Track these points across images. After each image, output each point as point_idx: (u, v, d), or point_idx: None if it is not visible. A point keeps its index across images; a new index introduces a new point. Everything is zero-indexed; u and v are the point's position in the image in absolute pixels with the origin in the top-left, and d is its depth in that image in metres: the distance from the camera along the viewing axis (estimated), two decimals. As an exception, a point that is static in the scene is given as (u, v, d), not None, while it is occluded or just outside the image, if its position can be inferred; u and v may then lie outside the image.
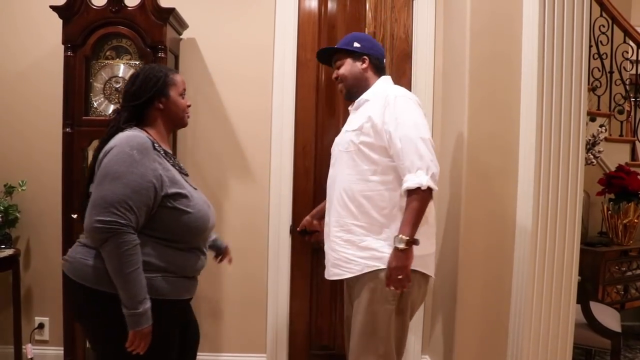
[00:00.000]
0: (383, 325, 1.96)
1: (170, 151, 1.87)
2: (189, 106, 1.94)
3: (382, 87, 2.14)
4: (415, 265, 1.95)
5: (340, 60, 2.20)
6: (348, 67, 2.18)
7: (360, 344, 1.98)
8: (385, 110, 1.98)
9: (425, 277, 2.07)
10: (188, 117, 1.95)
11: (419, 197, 1.91)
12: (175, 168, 1.82)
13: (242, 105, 2.99)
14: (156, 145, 1.76)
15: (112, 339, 1.67)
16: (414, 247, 1.91)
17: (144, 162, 1.67)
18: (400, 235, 1.90)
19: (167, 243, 1.74)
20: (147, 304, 1.64)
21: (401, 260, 1.90)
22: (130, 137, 1.71)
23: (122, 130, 1.75)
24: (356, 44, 2.17)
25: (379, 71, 2.21)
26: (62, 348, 2.64)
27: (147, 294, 1.64)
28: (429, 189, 1.92)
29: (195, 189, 1.89)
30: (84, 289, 1.68)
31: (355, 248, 2.00)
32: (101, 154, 1.70)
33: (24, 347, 2.89)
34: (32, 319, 3.01)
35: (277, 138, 2.99)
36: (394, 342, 1.98)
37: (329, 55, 2.27)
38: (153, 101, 1.82)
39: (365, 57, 2.17)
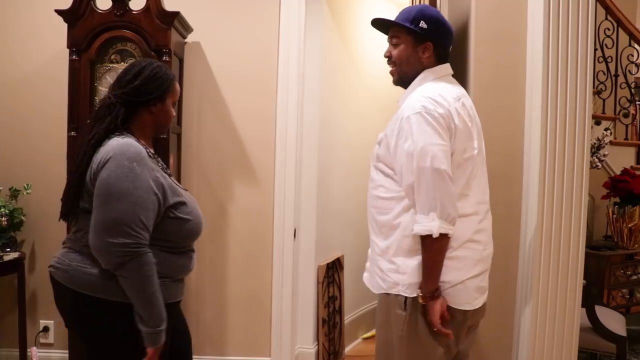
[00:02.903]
0: (395, 350, 1.80)
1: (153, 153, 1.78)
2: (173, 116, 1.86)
3: (416, 86, 1.82)
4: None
5: (398, 37, 1.83)
6: (407, 51, 1.82)
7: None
8: (398, 131, 1.71)
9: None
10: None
11: (430, 246, 1.66)
12: (165, 172, 1.76)
13: (247, 108, 2.99)
14: (149, 152, 1.69)
15: (117, 348, 1.64)
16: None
17: (145, 175, 1.61)
18: (418, 292, 1.71)
19: (167, 249, 1.71)
20: (166, 321, 1.62)
21: (429, 315, 1.71)
22: (123, 146, 1.62)
23: (114, 130, 1.66)
24: (423, 24, 1.79)
25: (442, 60, 1.85)
26: (67, 351, 2.64)
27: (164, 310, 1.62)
28: (443, 235, 1.64)
29: (184, 189, 1.85)
30: (85, 297, 1.63)
31: (372, 263, 1.87)
32: (96, 165, 1.61)
33: (29, 350, 2.89)
34: (37, 322, 3.01)
35: (281, 142, 2.99)
36: None
37: (385, 24, 1.90)
38: (149, 103, 1.72)
39: (429, 43, 1.81)
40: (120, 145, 1.61)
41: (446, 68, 1.87)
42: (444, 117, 1.68)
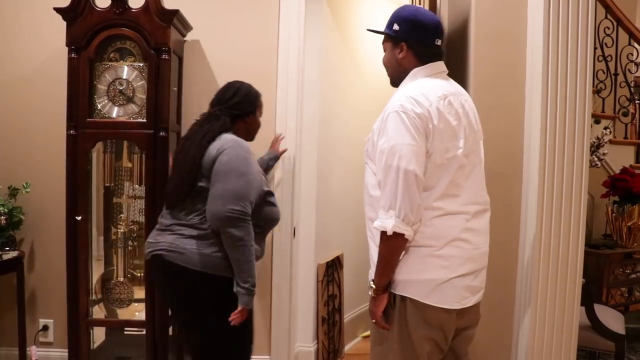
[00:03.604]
0: (388, 347, 1.82)
1: None
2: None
3: (404, 85, 1.83)
4: (406, 291, 1.74)
5: (384, 43, 1.90)
6: (389, 54, 1.87)
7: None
8: (380, 128, 1.73)
9: (420, 303, 1.73)
10: None
11: (384, 242, 1.68)
12: None
13: (246, 107, 2.98)
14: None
15: (220, 315, 1.98)
16: (407, 270, 1.73)
17: (254, 164, 2.05)
18: (369, 282, 1.77)
19: (258, 230, 2.09)
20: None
21: (370, 305, 1.78)
22: (237, 140, 2.05)
23: (226, 130, 2.08)
24: (395, 26, 1.83)
25: (424, 58, 1.82)
26: (67, 350, 2.63)
27: None
28: (398, 234, 1.64)
29: None
30: (199, 274, 1.97)
31: (370, 259, 1.85)
32: (214, 151, 1.99)
33: (28, 349, 2.89)
34: (36, 321, 3.01)
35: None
36: None
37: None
38: (244, 116, 2.19)
39: (403, 43, 1.82)
40: (235, 139, 2.05)
41: (437, 66, 1.85)
42: (420, 117, 1.67)
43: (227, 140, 2.03)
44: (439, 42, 1.84)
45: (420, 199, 1.67)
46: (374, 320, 1.79)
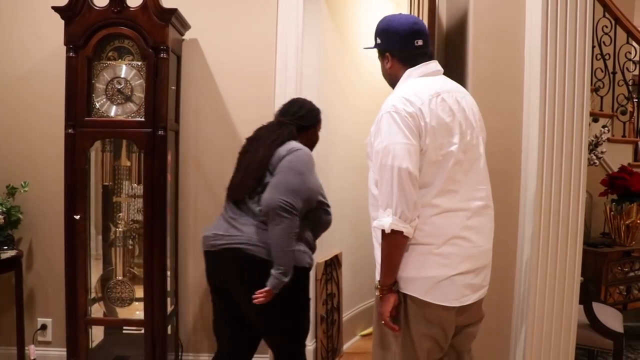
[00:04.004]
0: (390, 343, 1.84)
1: None
2: None
3: (399, 86, 1.86)
4: (407, 288, 1.76)
5: (378, 57, 1.96)
6: (381, 67, 1.95)
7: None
8: (375, 129, 1.77)
9: (420, 300, 1.75)
10: None
11: (384, 240, 1.71)
12: None
13: (245, 106, 2.99)
14: None
15: (297, 301, 2.23)
16: (406, 268, 1.75)
17: (313, 170, 2.24)
18: (375, 282, 1.79)
19: (311, 231, 2.27)
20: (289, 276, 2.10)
21: (377, 306, 1.80)
22: (305, 148, 2.26)
23: (293, 138, 2.28)
24: (377, 39, 1.91)
25: (410, 61, 1.85)
26: (65, 349, 2.63)
27: None
28: (396, 231, 1.67)
29: None
30: (269, 264, 2.09)
31: (376, 261, 1.88)
32: (283, 151, 2.19)
33: (26, 348, 2.89)
34: (34, 320, 3.01)
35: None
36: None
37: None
38: (308, 128, 2.39)
39: (387, 53, 1.89)
40: (302, 146, 2.26)
41: (431, 65, 1.87)
42: (412, 115, 1.70)
43: (295, 144, 2.24)
44: (419, 43, 1.85)
45: (416, 195, 1.69)
46: (382, 322, 1.78)
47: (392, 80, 1.90)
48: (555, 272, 2.51)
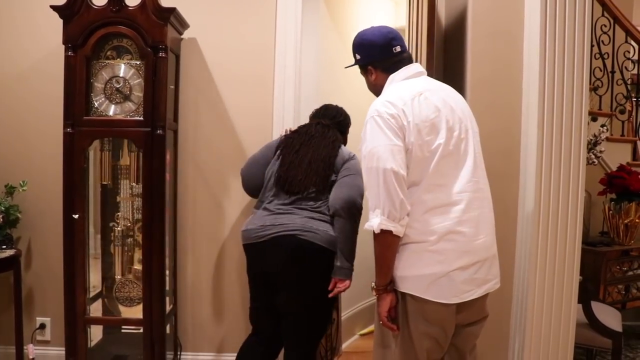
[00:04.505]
0: (390, 341, 1.85)
1: None
2: None
3: (384, 91, 1.90)
4: (404, 287, 1.77)
5: (361, 73, 2.03)
6: (366, 81, 2.00)
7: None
8: (362, 134, 1.81)
9: (418, 299, 1.76)
10: None
11: (375, 241, 1.74)
12: None
13: (244, 105, 2.98)
14: None
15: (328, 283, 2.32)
16: (404, 266, 1.77)
17: None
18: (372, 284, 1.81)
19: None
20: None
21: (377, 307, 1.82)
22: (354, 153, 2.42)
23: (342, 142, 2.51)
24: (356, 55, 1.98)
25: (392, 69, 1.90)
26: (64, 348, 2.63)
27: None
28: (385, 231, 1.70)
29: None
30: (329, 252, 2.27)
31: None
32: (345, 154, 2.42)
33: (25, 347, 2.89)
34: (33, 319, 3.01)
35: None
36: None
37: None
38: (342, 133, 2.60)
39: (369, 67, 1.94)
40: (351, 151, 2.47)
41: (412, 68, 1.91)
42: (394, 116, 1.73)
43: (349, 150, 2.47)
44: (397, 49, 1.90)
45: (404, 194, 1.70)
46: (381, 322, 1.80)
47: (378, 91, 1.92)
48: (554, 271, 2.52)
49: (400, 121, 1.73)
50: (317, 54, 3.16)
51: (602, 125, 3.74)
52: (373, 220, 1.71)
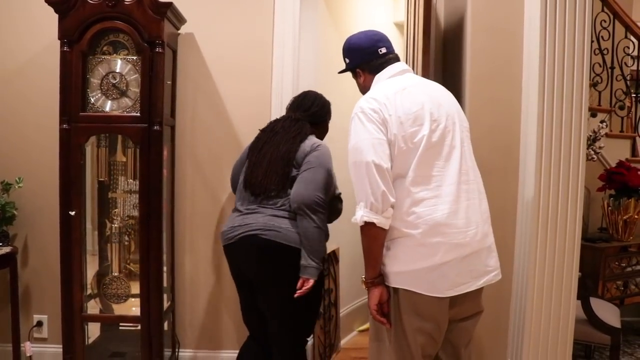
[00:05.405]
0: (385, 336, 1.85)
1: None
2: None
3: (370, 90, 1.95)
4: (396, 282, 1.78)
5: (353, 77, 2.08)
6: (357, 84, 2.06)
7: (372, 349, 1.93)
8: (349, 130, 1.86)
9: (410, 293, 1.76)
10: None
11: (361, 234, 1.77)
12: None
13: (242, 100, 2.96)
14: None
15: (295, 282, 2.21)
16: (396, 262, 1.77)
17: (332, 165, 2.32)
18: (362, 277, 1.82)
19: (329, 221, 2.36)
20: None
21: (368, 300, 1.82)
22: (323, 143, 2.35)
23: (312, 133, 2.37)
24: (346, 59, 2.04)
25: (379, 69, 1.96)
26: (61, 346, 2.62)
27: None
28: (369, 223, 1.72)
29: None
30: (292, 250, 2.19)
31: None
32: (307, 147, 2.28)
33: (22, 345, 2.87)
34: (30, 316, 2.99)
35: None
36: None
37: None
38: (319, 123, 2.48)
39: (357, 70, 2.01)
40: (321, 142, 2.36)
41: (397, 66, 1.95)
42: (376, 111, 1.77)
43: (317, 141, 2.35)
44: (382, 50, 1.96)
45: (385, 186, 1.71)
46: (371, 315, 1.81)
47: (367, 92, 1.95)
48: (553, 267, 2.51)
49: (382, 115, 1.76)
50: (316, 48, 3.14)
51: (602, 121, 3.73)
52: (357, 213, 1.74)
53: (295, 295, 2.16)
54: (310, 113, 2.46)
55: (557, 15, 2.43)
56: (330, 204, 2.34)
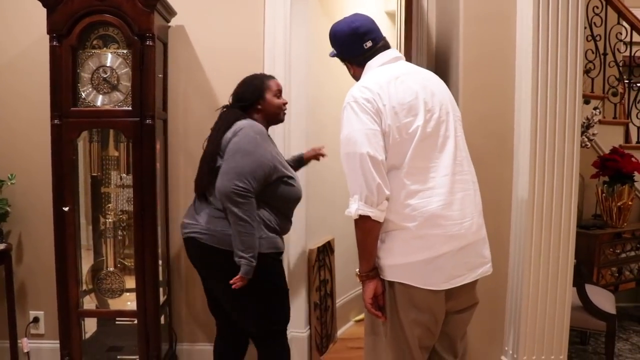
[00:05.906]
0: (381, 329, 1.84)
1: None
2: (285, 104, 2.38)
3: (361, 78, 1.91)
4: (392, 275, 1.76)
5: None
6: (348, 71, 2.00)
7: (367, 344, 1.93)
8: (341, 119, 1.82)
9: (406, 287, 1.74)
10: (284, 114, 2.40)
11: (356, 227, 1.73)
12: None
13: (234, 93, 2.95)
14: (267, 133, 2.29)
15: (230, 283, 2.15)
16: (391, 255, 1.76)
17: (264, 145, 2.18)
18: (356, 271, 1.80)
19: (276, 210, 2.27)
20: (256, 258, 2.12)
21: (363, 293, 1.81)
22: (251, 124, 2.20)
23: (239, 119, 2.22)
24: (333, 50, 1.97)
25: (367, 60, 1.89)
26: (58, 341, 2.61)
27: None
28: (364, 216, 1.69)
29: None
30: (225, 253, 2.14)
31: None
32: (229, 134, 2.16)
33: (19, 341, 2.87)
34: (27, 313, 2.99)
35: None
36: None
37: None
38: (254, 103, 2.31)
39: (346, 61, 1.96)
40: (248, 123, 2.21)
41: (388, 53, 1.89)
42: (370, 100, 1.72)
43: (239, 124, 2.19)
44: (368, 45, 1.88)
45: (380, 178, 1.68)
46: (365, 308, 1.80)
47: (359, 79, 1.91)
48: (548, 254, 2.52)
49: (376, 105, 1.71)
50: (307, 39, 3.11)
51: (595, 108, 3.73)
52: (351, 206, 1.70)
53: (233, 287, 2.12)
54: (236, 98, 2.35)
55: (550, 1, 2.43)
56: (269, 191, 2.23)
